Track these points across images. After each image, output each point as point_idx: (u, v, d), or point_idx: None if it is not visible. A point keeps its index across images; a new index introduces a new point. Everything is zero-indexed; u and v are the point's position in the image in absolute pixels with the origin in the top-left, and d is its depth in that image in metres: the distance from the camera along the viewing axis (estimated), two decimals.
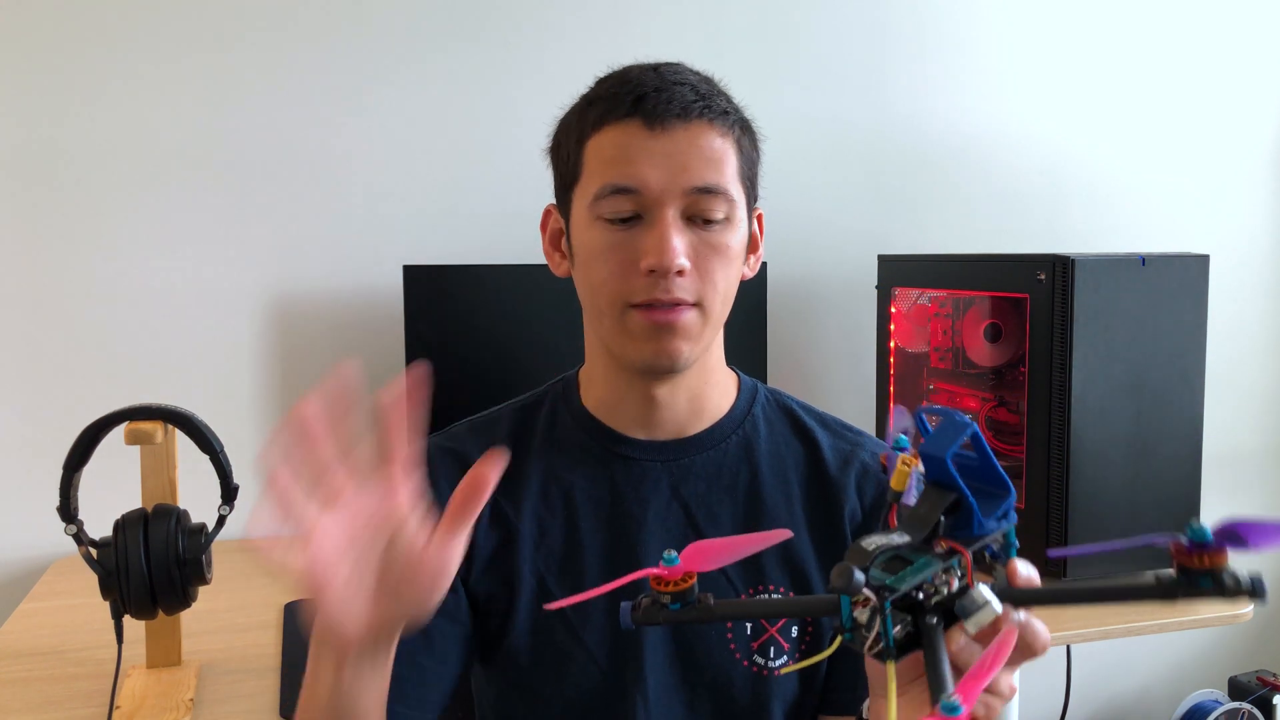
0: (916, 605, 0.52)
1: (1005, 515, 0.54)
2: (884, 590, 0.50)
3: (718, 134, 0.82)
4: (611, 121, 0.82)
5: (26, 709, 1.13)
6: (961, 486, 0.52)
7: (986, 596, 0.52)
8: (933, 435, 0.53)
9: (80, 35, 1.63)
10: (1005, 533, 0.55)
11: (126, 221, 1.67)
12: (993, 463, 0.54)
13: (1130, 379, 1.50)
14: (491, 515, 0.89)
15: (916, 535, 0.52)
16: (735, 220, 0.84)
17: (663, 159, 0.80)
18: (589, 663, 0.86)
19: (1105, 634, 1.42)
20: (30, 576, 1.62)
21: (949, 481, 0.52)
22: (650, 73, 0.84)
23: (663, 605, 0.56)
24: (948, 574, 0.52)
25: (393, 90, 1.76)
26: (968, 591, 0.52)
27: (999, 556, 0.56)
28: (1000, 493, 0.54)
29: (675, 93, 0.81)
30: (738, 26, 1.92)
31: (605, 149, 0.82)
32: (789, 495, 0.91)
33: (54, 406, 1.64)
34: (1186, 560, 0.47)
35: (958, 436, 0.52)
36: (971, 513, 0.53)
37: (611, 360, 0.89)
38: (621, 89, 0.82)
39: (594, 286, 0.84)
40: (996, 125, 2.08)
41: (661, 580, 0.57)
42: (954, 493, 0.53)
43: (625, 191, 0.81)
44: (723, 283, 0.84)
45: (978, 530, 0.53)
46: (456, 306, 1.65)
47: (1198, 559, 0.47)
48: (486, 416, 0.96)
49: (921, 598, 0.51)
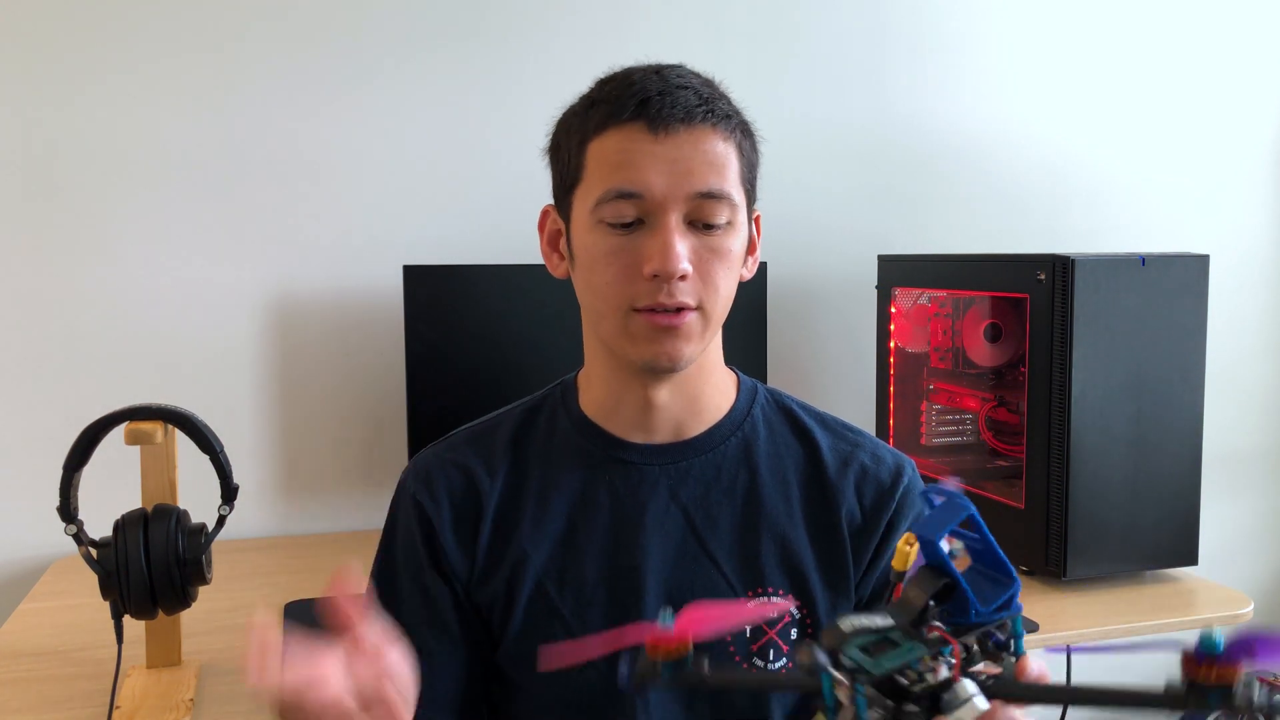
0: (900, 691, 0.50)
1: (1008, 604, 0.52)
2: (858, 673, 0.48)
3: (720, 138, 0.82)
4: (615, 125, 0.82)
5: (26, 709, 1.13)
6: (953, 571, 0.51)
7: (971, 691, 0.49)
8: (929, 516, 0.52)
9: (81, 35, 1.63)
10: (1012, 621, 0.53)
11: (127, 221, 1.67)
12: (995, 549, 0.53)
13: (1130, 379, 1.50)
14: (492, 520, 0.89)
15: (901, 618, 0.51)
16: (737, 224, 0.84)
17: (666, 163, 0.80)
18: (588, 665, 0.86)
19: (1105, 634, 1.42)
20: (30, 576, 1.62)
21: (941, 565, 0.51)
22: (653, 76, 0.83)
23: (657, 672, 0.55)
24: (936, 662, 0.50)
25: (393, 90, 1.76)
26: (953, 685, 0.50)
27: (1005, 646, 0.53)
28: (1004, 579, 0.52)
29: (679, 96, 0.81)
30: (738, 26, 1.92)
31: (608, 152, 0.82)
32: (788, 497, 0.90)
33: (54, 406, 1.64)
34: (1194, 673, 0.44)
35: (953, 520, 0.51)
36: (967, 600, 0.51)
37: (610, 361, 0.89)
38: (625, 92, 0.82)
39: (596, 290, 0.84)
40: (997, 125, 2.08)
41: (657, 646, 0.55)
42: (946, 577, 0.51)
43: (629, 196, 0.80)
44: (724, 286, 0.84)
45: (974, 618, 0.51)
46: (456, 306, 1.65)
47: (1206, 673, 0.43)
48: (485, 423, 0.95)
49: (905, 684, 0.50)
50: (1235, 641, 0.44)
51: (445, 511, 0.89)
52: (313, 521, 1.78)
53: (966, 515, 0.50)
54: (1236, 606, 1.48)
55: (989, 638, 0.53)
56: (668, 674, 0.55)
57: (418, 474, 0.92)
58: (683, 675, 0.55)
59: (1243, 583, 2.28)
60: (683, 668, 0.55)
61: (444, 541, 0.88)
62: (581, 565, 0.88)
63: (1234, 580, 2.15)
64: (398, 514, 0.92)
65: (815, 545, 0.89)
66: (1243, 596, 1.52)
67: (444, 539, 0.88)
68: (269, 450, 1.76)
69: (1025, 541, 1.53)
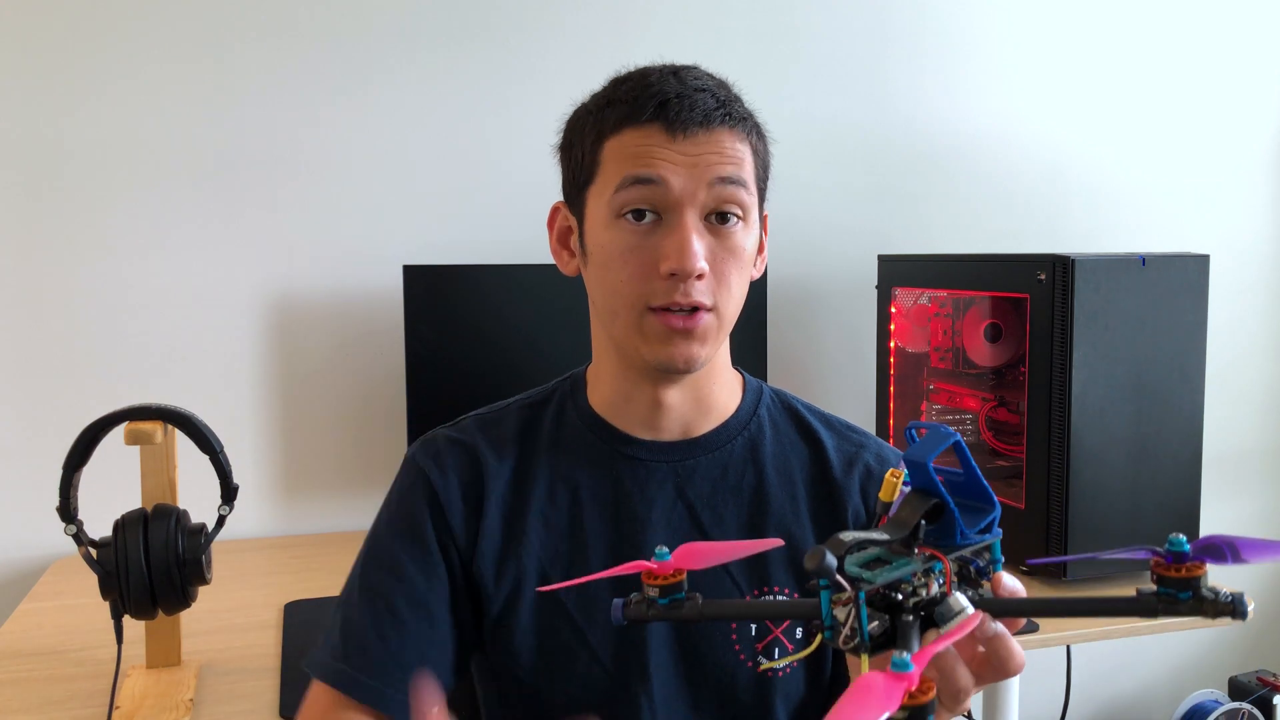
0: (895, 605, 0.52)
1: (989, 528, 0.55)
2: (859, 582, 0.51)
3: (737, 139, 0.83)
4: (632, 125, 0.82)
5: (26, 709, 1.13)
6: (943, 492, 0.53)
7: (964, 603, 0.52)
8: (918, 444, 0.54)
9: (81, 35, 1.63)
10: (990, 547, 0.56)
11: (127, 221, 1.67)
12: (978, 476, 0.55)
13: (1130, 379, 1.50)
14: (500, 511, 0.89)
15: (896, 536, 0.53)
16: (750, 222, 0.85)
17: (684, 163, 0.81)
18: (593, 662, 0.87)
19: (1105, 634, 1.42)
20: (30, 576, 1.62)
21: (931, 487, 0.53)
22: (671, 78, 0.84)
23: (651, 601, 0.58)
24: (927, 578, 0.53)
25: (393, 90, 1.76)
26: (945, 598, 0.53)
27: (984, 572, 0.56)
28: (985, 507, 0.55)
29: (697, 99, 0.81)
30: (738, 27, 1.92)
31: (626, 148, 0.82)
32: (794, 496, 0.91)
33: (54, 406, 1.64)
34: (1164, 571, 0.47)
35: (940, 445, 0.53)
36: (954, 521, 0.54)
37: (620, 360, 0.89)
38: (643, 93, 0.82)
39: (611, 287, 0.84)
40: (997, 125, 2.08)
41: (652, 575, 0.58)
42: (935, 498, 0.53)
43: (646, 182, 0.81)
44: (737, 287, 0.84)
45: (960, 540, 0.54)
46: (456, 306, 1.65)
47: (1175, 570, 0.47)
48: (493, 412, 0.96)
49: (900, 598, 0.52)
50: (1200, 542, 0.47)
51: (453, 487, 0.89)
52: (313, 521, 1.78)
53: (952, 442, 0.53)
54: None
55: (969, 564, 0.56)
56: (663, 605, 0.58)
57: (426, 449, 0.92)
58: (677, 606, 0.58)
59: (1243, 583, 2.28)
60: (677, 599, 0.58)
61: (449, 513, 0.88)
62: (586, 560, 0.88)
63: (1234, 580, 2.15)
64: (402, 484, 0.92)
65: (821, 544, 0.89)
66: None
67: (449, 510, 0.89)
68: (269, 450, 1.76)
69: (1025, 541, 1.53)
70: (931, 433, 0.54)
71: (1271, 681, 2.18)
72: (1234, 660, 2.34)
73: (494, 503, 0.89)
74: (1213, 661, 2.33)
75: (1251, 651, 2.36)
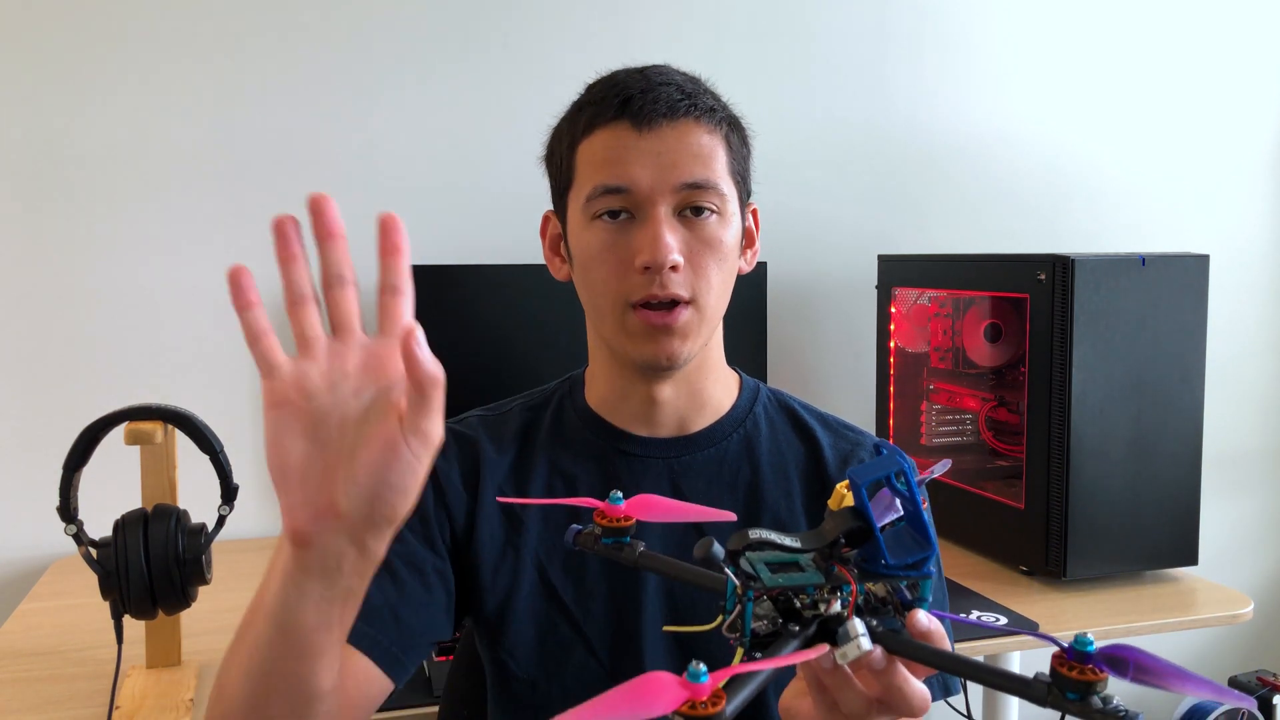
0: (793, 612, 0.51)
1: (919, 565, 0.53)
2: (751, 580, 0.51)
3: (705, 131, 0.84)
4: (600, 125, 0.84)
5: (26, 709, 1.13)
6: (869, 517, 0.51)
7: (859, 631, 0.51)
8: (866, 464, 0.53)
9: (85, 37, 1.63)
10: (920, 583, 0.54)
11: (127, 222, 1.67)
12: (920, 514, 0.53)
13: (1130, 379, 1.50)
14: (499, 505, 0.90)
15: (808, 545, 0.52)
16: (727, 215, 0.85)
17: (652, 158, 0.82)
18: (589, 656, 0.87)
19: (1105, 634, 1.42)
20: (30, 576, 1.62)
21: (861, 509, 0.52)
22: (636, 75, 0.85)
23: (597, 538, 0.63)
24: (832, 595, 0.52)
25: (393, 92, 1.76)
26: (845, 622, 0.51)
27: (911, 605, 0.54)
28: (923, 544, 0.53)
29: (661, 93, 0.83)
30: (738, 26, 1.92)
31: (596, 151, 0.84)
32: (789, 493, 0.91)
33: (54, 406, 1.64)
34: (1060, 668, 0.45)
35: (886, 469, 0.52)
36: (879, 547, 0.52)
37: (613, 358, 0.90)
38: (609, 93, 0.84)
39: (593, 287, 0.86)
40: (997, 125, 2.08)
41: (603, 515, 0.63)
42: (860, 521, 0.52)
43: (616, 191, 0.82)
44: (717, 278, 0.85)
45: (882, 569, 0.52)
46: (456, 306, 1.65)
47: (1071, 669, 0.44)
48: (496, 411, 0.97)
49: (798, 606, 0.51)
50: (1108, 650, 0.44)
51: (454, 473, 0.90)
52: None
53: (898, 468, 0.52)
54: (1236, 606, 1.48)
55: (897, 593, 0.54)
56: (605, 543, 0.63)
57: None
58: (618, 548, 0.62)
59: (1243, 583, 2.28)
60: (621, 542, 0.62)
61: (449, 496, 0.89)
62: (583, 555, 0.88)
63: (1234, 580, 2.15)
64: None
65: None
66: (1243, 597, 1.52)
67: (449, 493, 0.89)
68: None
69: (1025, 541, 1.53)
70: (886, 455, 0.53)
71: (1271, 681, 2.18)
72: (1234, 660, 2.34)
73: (493, 481, 0.90)
74: (1213, 661, 2.33)
75: (1251, 651, 2.36)
